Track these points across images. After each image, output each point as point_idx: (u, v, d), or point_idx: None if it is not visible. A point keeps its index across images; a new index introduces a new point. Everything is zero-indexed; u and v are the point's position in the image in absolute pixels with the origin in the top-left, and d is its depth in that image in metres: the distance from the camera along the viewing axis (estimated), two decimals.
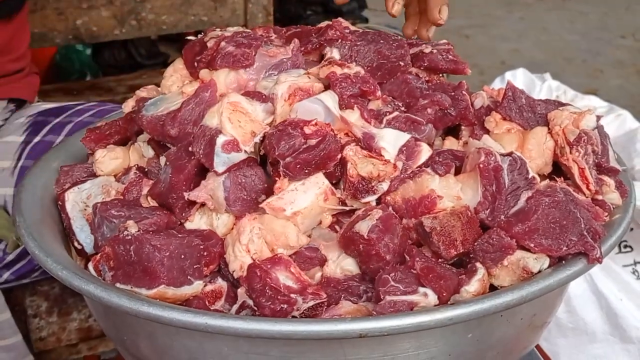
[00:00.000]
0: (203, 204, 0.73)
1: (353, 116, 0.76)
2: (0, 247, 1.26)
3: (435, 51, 0.82)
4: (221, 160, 0.71)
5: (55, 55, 2.91)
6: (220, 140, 0.71)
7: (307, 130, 0.70)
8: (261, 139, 0.73)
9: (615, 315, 1.38)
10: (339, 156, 0.72)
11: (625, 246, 1.44)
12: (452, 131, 0.83)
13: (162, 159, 0.78)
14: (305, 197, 0.71)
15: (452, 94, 0.80)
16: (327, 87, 0.78)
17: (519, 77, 1.76)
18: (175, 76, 0.88)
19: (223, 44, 0.82)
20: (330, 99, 0.76)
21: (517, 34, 4.90)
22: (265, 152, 0.72)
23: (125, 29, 2.17)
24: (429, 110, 0.79)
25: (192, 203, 0.74)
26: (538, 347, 1.00)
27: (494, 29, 4.99)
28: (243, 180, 0.72)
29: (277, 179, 0.70)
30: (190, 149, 0.73)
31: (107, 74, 2.94)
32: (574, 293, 1.40)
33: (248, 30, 0.86)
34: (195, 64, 0.84)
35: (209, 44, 0.84)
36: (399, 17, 0.98)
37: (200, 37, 0.87)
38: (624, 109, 1.71)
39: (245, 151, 0.72)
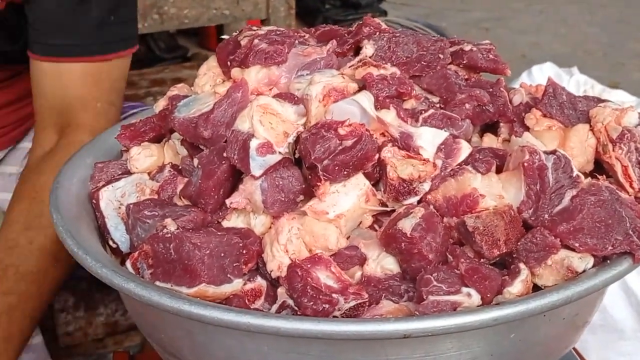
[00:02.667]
0: None
1: (389, 116, 0.75)
2: None
3: (475, 49, 0.81)
4: (257, 164, 0.70)
5: None
6: (254, 143, 0.70)
7: (341, 131, 0.69)
8: (295, 139, 0.72)
9: None
10: (376, 156, 0.71)
11: None
12: (490, 128, 0.82)
13: (195, 160, 0.78)
14: (347, 199, 0.70)
15: (490, 90, 0.79)
16: (360, 88, 0.78)
17: (546, 71, 1.74)
18: (209, 74, 0.88)
19: (256, 41, 0.81)
20: (366, 99, 0.75)
21: (536, 27, 4.86)
22: (301, 156, 0.71)
23: (148, 23, 2.18)
24: (467, 106, 0.78)
25: (224, 205, 0.74)
26: None
27: (513, 22, 4.96)
28: (280, 182, 0.71)
29: (318, 184, 0.69)
30: (224, 154, 0.73)
31: None
32: None
33: (282, 29, 0.86)
34: (228, 62, 0.83)
35: (243, 43, 0.83)
36: (418, 11, 0.97)
37: (234, 36, 0.87)
38: None
39: (280, 152, 0.71)
